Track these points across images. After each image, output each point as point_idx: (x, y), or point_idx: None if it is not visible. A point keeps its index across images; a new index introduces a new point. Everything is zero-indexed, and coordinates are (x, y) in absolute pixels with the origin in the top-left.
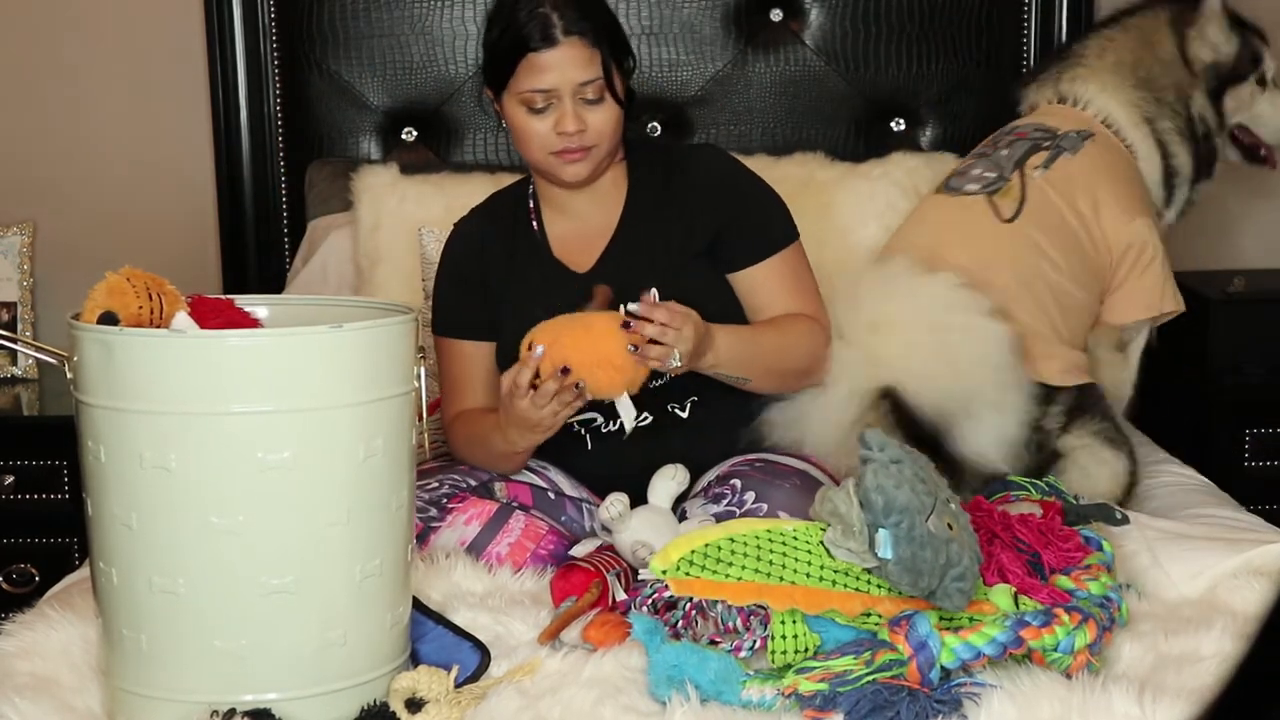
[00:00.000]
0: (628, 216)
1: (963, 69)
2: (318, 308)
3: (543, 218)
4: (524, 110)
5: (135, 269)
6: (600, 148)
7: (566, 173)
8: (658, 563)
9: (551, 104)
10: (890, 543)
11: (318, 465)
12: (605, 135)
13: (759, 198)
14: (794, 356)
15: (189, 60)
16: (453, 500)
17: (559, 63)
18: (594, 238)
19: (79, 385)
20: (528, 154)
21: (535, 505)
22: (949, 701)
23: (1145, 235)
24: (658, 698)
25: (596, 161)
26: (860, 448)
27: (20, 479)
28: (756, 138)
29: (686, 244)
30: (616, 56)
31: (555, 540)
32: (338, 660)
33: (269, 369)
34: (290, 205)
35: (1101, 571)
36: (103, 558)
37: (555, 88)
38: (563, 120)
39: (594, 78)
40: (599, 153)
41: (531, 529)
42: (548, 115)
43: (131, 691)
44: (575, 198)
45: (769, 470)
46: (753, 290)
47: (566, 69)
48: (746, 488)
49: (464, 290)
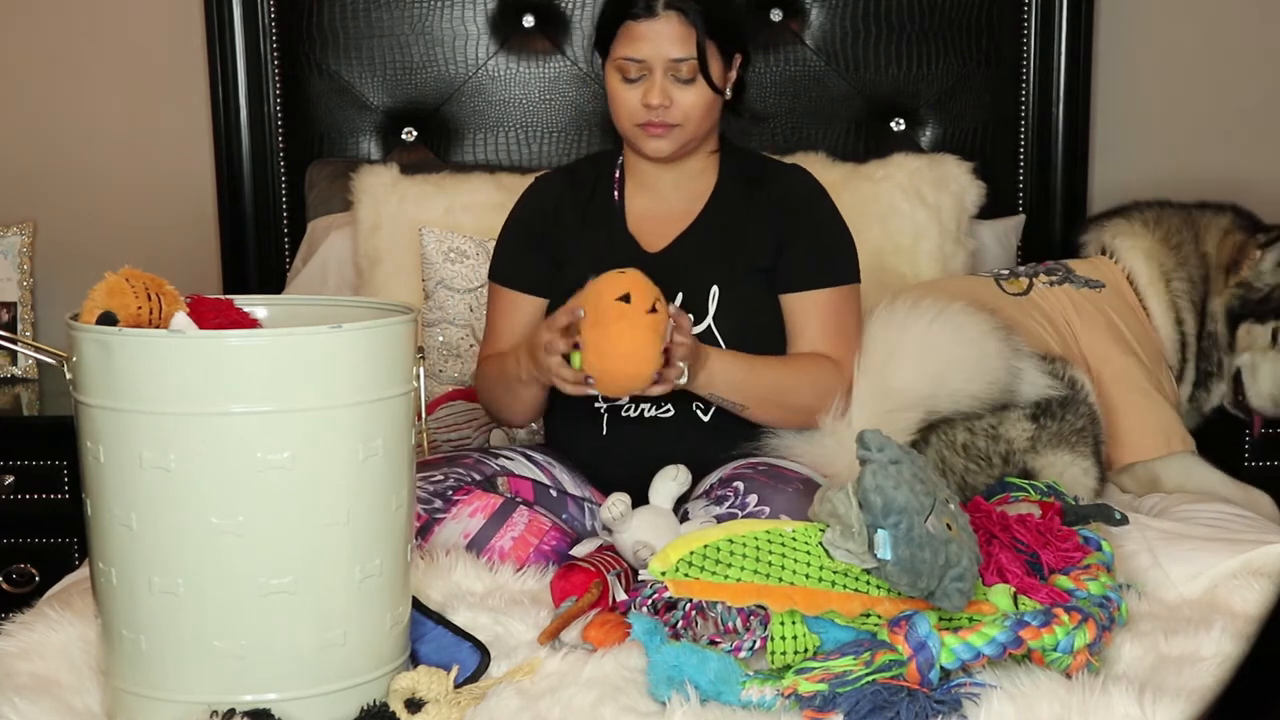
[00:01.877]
0: (709, 209)
1: (963, 69)
2: (318, 308)
3: (625, 190)
4: (619, 77)
5: (134, 269)
6: (686, 128)
7: (649, 146)
8: (657, 564)
9: (644, 75)
10: (889, 543)
11: (317, 465)
12: (692, 117)
13: (832, 230)
14: (798, 394)
15: (189, 60)
16: (458, 493)
17: (654, 34)
18: (671, 221)
19: (78, 386)
20: (617, 121)
21: (537, 501)
22: (948, 702)
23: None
24: (657, 698)
25: (681, 142)
26: (859, 448)
27: (20, 479)
28: (756, 138)
29: (755, 253)
30: (720, 43)
31: (558, 537)
32: (337, 660)
33: (269, 369)
34: (290, 205)
35: (1101, 571)
36: (102, 558)
37: (648, 59)
38: (650, 92)
39: (688, 56)
40: (684, 133)
41: (535, 524)
42: (639, 86)
43: (131, 692)
44: (662, 177)
45: (772, 474)
46: (792, 315)
47: (661, 42)
48: (749, 490)
49: (527, 242)
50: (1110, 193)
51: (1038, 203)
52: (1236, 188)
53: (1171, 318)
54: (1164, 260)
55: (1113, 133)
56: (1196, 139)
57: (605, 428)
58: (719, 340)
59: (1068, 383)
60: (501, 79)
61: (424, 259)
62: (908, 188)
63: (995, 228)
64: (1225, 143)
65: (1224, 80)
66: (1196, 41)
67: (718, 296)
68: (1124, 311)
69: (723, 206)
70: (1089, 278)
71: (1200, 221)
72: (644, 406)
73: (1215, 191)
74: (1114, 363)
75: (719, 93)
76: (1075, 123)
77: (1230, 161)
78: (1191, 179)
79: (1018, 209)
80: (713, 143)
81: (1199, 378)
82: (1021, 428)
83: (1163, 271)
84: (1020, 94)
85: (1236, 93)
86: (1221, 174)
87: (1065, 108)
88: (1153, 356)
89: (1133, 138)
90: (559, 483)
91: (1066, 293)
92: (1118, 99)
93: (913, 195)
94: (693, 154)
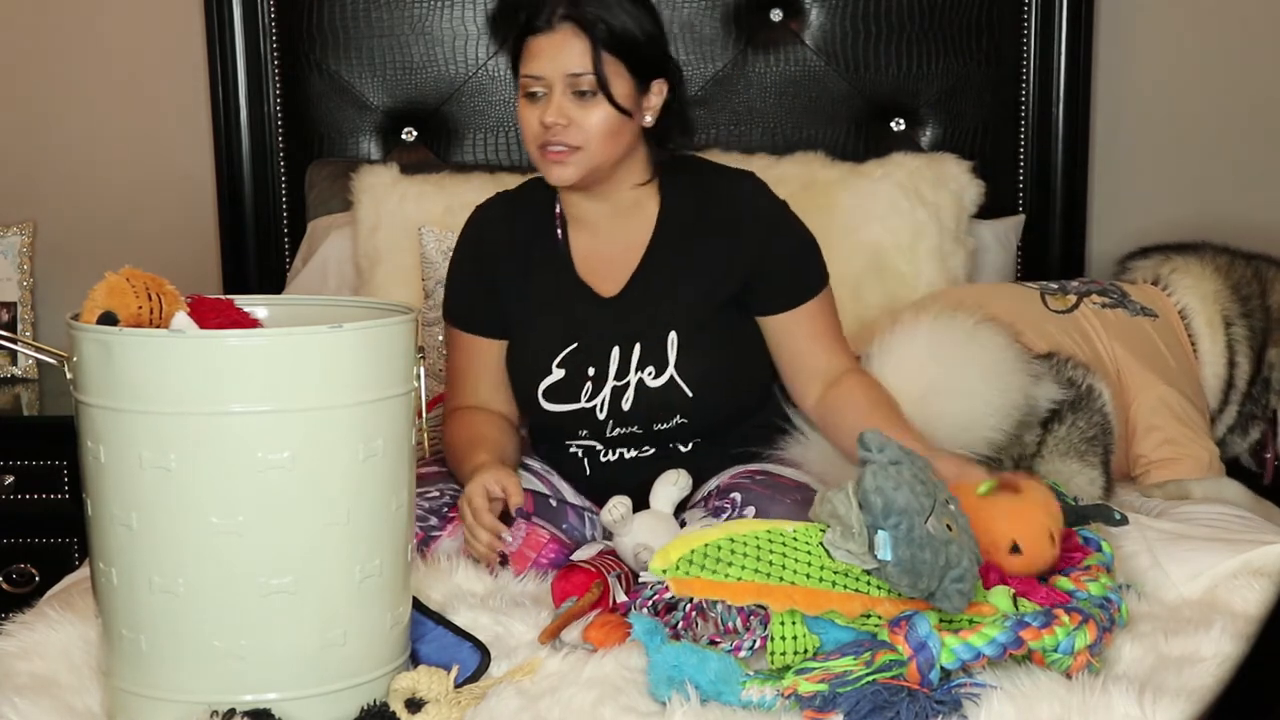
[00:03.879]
0: (655, 246)
1: (963, 69)
2: (318, 308)
3: (568, 228)
4: (523, 98)
5: (134, 269)
6: (589, 152)
7: (551, 173)
8: (658, 562)
9: (546, 93)
10: (889, 545)
11: (317, 465)
12: (594, 138)
13: (798, 241)
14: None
15: (189, 60)
16: (453, 509)
17: (551, 48)
18: (618, 262)
19: (78, 385)
20: (527, 148)
21: (536, 511)
22: (949, 702)
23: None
24: (658, 698)
25: (586, 167)
26: (859, 448)
27: (20, 479)
28: (756, 138)
29: (712, 287)
30: (629, 62)
31: (556, 549)
32: (337, 661)
33: (269, 369)
34: (290, 205)
35: (1101, 572)
36: (102, 558)
37: (546, 75)
38: (547, 110)
39: (584, 70)
40: (587, 158)
41: (533, 538)
42: (539, 105)
43: (131, 691)
44: (596, 212)
45: (770, 484)
46: (784, 335)
47: (558, 56)
48: (746, 502)
49: (478, 282)
50: (1110, 192)
51: (1038, 203)
52: (1237, 187)
53: (1225, 359)
54: (1228, 306)
55: (1113, 133)
56: (1197, 138)
57: (588, 468)
58: (684, 388)
59: (1085, 389)
60: (501, 79)
61: (424, 259)
62: (907, 186)
63: (995, 227)
64: (1226, 142)
65: (1225, 79)
66: (1197, 40)
67: (676, 343)
68: (1173, 344)
69: (669, 241)
70: (1144, 305)
71: (1267, 276)
72: (621, 450)
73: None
74: (1156, 389)
75: (625, 113)
76: (1075, 123)
77: (1231, 160)
78: (1192, 179)
79: (1018, 209)
80: (639, 173)
81: (1238, 421)
82: (1035, 433)
83: (1224, 316)
84: (1020, 94)
85: (1237, 92)
86: (1222, 173)
87: (1065, 108)
88: (1194, 393)
89: (1133, 138)
90: (558, 491)
91: (1119, 317)
92: (1118, 99)
93: (912, 194)
94: (614, 185)
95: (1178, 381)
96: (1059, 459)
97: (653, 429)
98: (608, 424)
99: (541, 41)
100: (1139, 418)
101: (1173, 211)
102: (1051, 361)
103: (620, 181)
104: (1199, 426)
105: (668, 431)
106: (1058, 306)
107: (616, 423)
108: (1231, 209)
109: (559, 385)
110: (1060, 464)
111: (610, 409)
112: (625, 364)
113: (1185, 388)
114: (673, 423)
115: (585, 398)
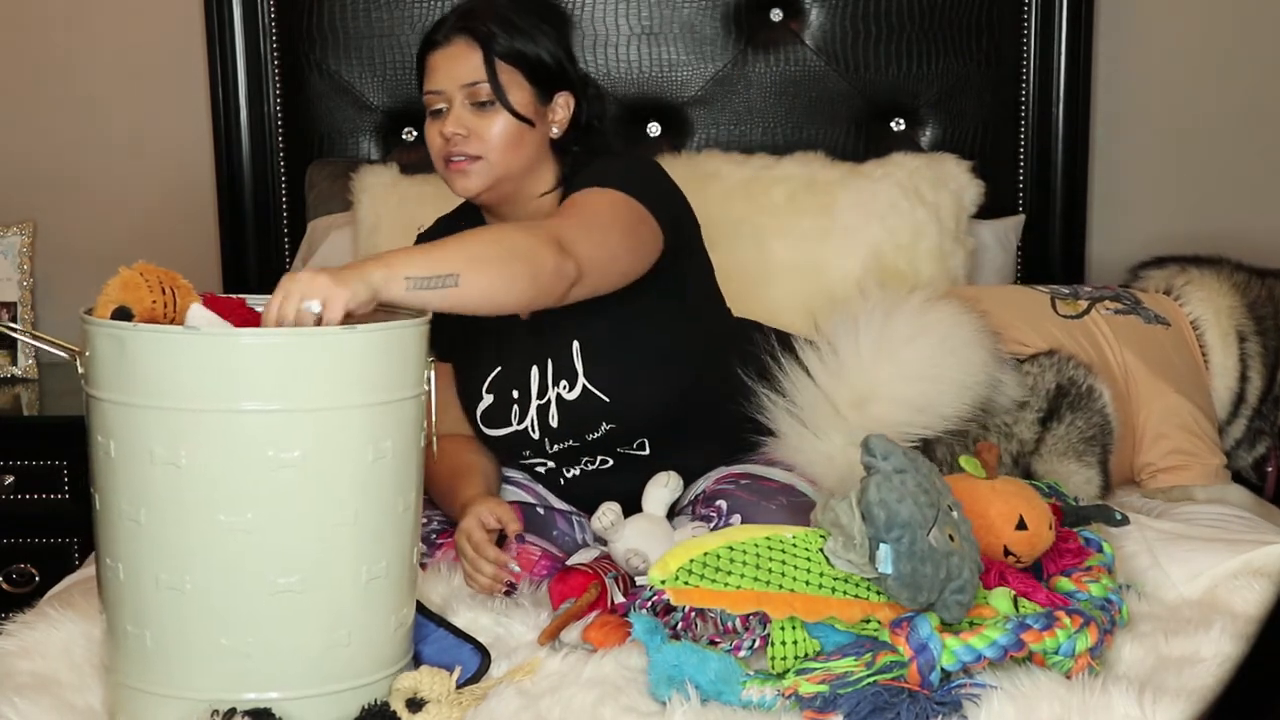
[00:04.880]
0: None
1: (963, 69)
2: None
3: None
4: (428, 116)
5: (148, 264)
6: (490, 161)
7: (456, 184)
8: (657, 572)
9: (446, 108)
10: (891, 558)
11: (327, 465)
12: (495, 147)
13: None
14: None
15: (189, 60)
16: (441, 536)
17: (447, 61)
18: None
19: (90, 379)
20: (435, 165)
21: (525, 522)
22: (949, 703)
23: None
24: (658, 698)
25: (490, 177)
26: (864, 454)
27: (20, 479)
28: (756, 138)
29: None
30: (525, 70)
31: (548, 566)
32: (342, 661)
33: (281, 368)
34: (290, 205)
35: (1102, 573)
36: (109, 553)
37: (444, 89)
38: (446, 122)
39: (479, 79)
40: (490, 168)
41: (524, 558)
42: (441, 120)
43: (135, 688)
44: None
45: (755, 489)
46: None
47: (453, 68)
48: (733, 509)
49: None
50: (1110, 192)
51: (1037, 203)
52: (1236, 187)
53: (1237, 373)
54: (1243, 323)
55: (1113, 133)
56: (1197, 138)
57: (562, 483)
58: (600, 395)
59: (1085, 389)
60: None
61: None
62: (907, 186)
63: (995, 227)
64: (1226, 141)
65: (1225, 79)
66: (1197, 40)
67: (580, 353)
68: (1184, 354)
69: None
70: (1158, 313)
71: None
72: (577, 466)
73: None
74: (1167, 398)
75: (527, 122)
76: (1075, 123)
77: (1231, 160)
78: (1192, 178)
79: (1017, 209)
80: (544, 183)
81: (1246, 435)
82: (1034, 430)
83: (1239, 332)
84: (1020, 94)
85: (1237, 91)
86: (1222, 173)
87: (1065, 108)
88: (1204, 403)
89: (1133, 138)
90: (544, 499)
91: (1132, 324)
92: (1118, 99)
93: (912, 194)
94: (524, 199)
95: (1189, 390)
96: (1057, 458)
97: (586, 440)
98: (544, 442)
99: (438, 56)
100: (1148, 426)
101: (1172, 211)
102: (1052, 359)
103: (529, 194)
104: (1209, 437)
105: (601, 440)
106: (1067, 311)
107: (552, 440)
108: (1231, 209)
109: (491, 410)
110: (1058, 463)
111: (541, 428)
112: (545, 382)
113: (1196, 397)
114: (601, 431)
115: (516, 420)
